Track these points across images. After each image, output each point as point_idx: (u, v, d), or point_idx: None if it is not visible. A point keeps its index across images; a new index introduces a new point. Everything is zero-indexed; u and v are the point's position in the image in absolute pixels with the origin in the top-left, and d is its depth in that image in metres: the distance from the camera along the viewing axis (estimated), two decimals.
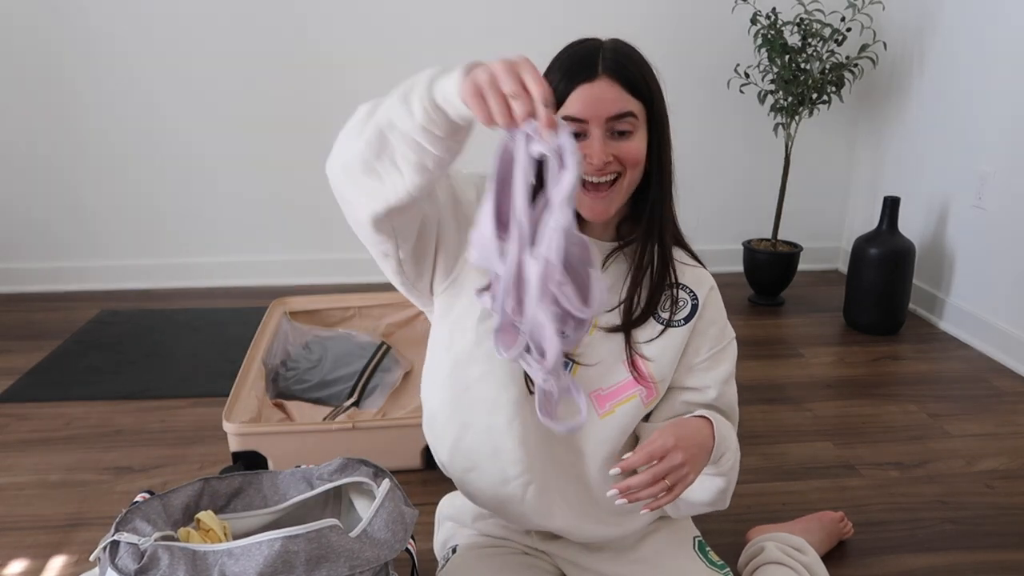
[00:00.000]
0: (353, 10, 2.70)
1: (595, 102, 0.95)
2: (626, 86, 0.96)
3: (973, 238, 2.41)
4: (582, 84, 0.95)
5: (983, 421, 1.93)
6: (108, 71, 2.68)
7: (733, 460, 1.03)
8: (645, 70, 0.99)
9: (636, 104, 0.97)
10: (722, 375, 1.08)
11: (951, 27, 2.48)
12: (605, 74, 0.95)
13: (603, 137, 0.95)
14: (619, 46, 0.99)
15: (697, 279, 1.09)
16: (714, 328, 1.07)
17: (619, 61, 0.96)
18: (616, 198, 0.99)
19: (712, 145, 2.96)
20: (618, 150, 0.96)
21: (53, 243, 2.84)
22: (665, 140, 1.01)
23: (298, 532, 0.89)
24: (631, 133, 0.97)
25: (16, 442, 1.82)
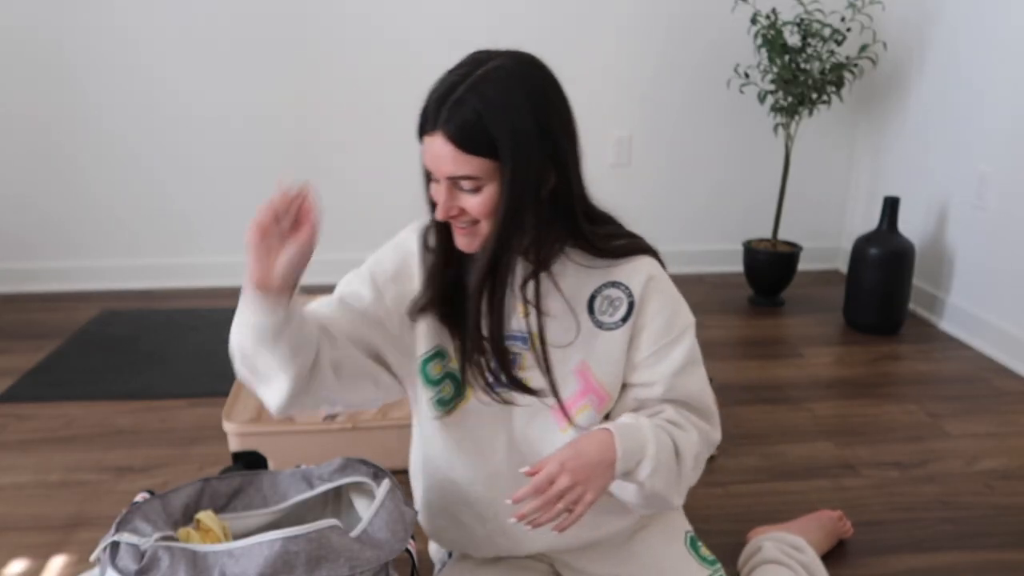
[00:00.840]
0: (353, 13, 2.70)
1: (434, 159, 0.93)
2: (463, 146, 0.90)
3: (973, 238, 2.41)
4: (426, 135, 0.93)
5: (983, 421, 1.93)
6: (109, 72, 2.68)
7: (653, 466, 0.96)
8: (498, 119, 0.89)
9: (476, 163, 0.90)
10: (671, 368, 1.03)
11: (951, 27, 2.48)
12: (441, 130, 0.90)
13: (450, 191, 0.93)
14: (482, 82, 0.90)
15: (632, 272, 1.02)
16: (659, 320, 1.02)
17: (463, 115, 0.89)
18: (476, 239, 0.96)
19: (712, 145, 2.97)
20: (465, 203, 0.93)
21: (53, 243, 2.84)
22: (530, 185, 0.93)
23: (298, 532, 0.89)
24: (478, 190, 0.92)
25: (16, 442, 1.82)
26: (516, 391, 1.02)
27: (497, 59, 0.93)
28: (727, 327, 2.55)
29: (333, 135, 2.82)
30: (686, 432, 1.02)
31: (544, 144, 0.93)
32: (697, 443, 1.02)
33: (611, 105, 2.87)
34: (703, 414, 1.06)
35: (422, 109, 0.93)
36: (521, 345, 1.02)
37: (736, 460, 1.74)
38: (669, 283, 1.05)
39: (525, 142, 0.91)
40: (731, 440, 1.82)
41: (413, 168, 3.02)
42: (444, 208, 0.94)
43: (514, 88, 0.91)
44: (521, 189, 0.92)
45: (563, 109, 0.97)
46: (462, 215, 0.95)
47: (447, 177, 0.92)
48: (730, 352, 2.35)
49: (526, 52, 0.98)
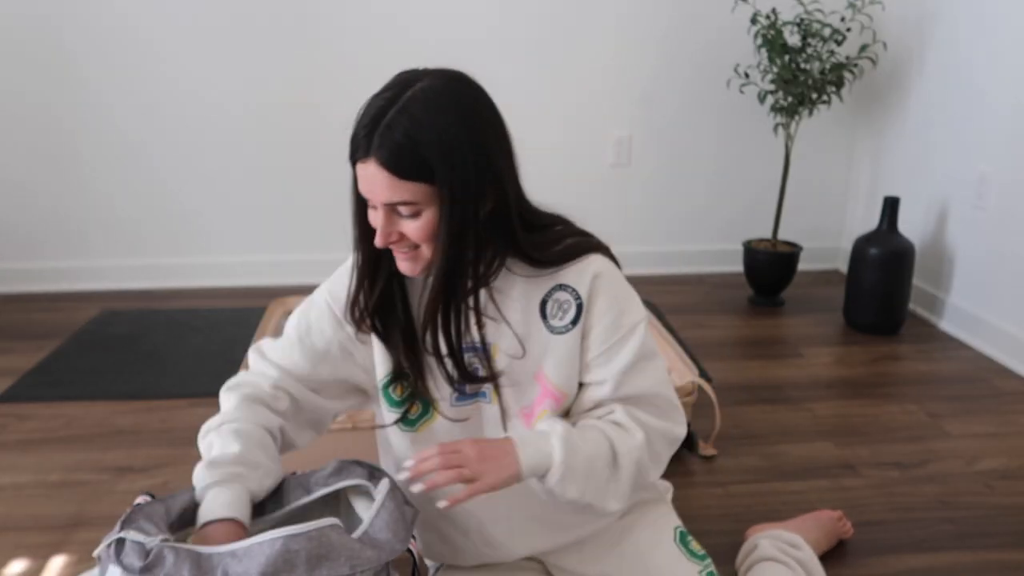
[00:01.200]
0: (353, 13, 2.70)
1: (369, 186, 0.91)
2: (397, 172, 0.88)
3: (973, 238, 2.41)
4: (356, 163, 0.92)
5: (983, 421, 1.93)
6: (112, 72, 2.68)
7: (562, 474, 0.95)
8: (431, 142, 0.88)
9: (413, 189, 0.89)
10: (620, 366, 1.01)
11: (951, 27, 2.48)
12: (374, 157, 0.88)
13: (388, 216, 0.92)
14: (411, 105, 0.89)
15: (579, 273, 1.00)
16: (606, 319, 1.00)
17: (395, 141, 0.88)
18: (419, 263, 0.96)
19: (712, 145, 2.97)
20: (404, 228, 0.93)
21: (54, 243, 2.84)
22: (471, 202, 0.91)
23: (299, 531, 0.89)
24: (416, 215, 0.91)
25: (16, 442, 1.82)
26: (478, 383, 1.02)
27: (425, 79, 0.91)
28: (727, 327, 2.55)
29: (332, 137, 2.82)
30: (629, 436, 1.00)
31: (480, 163, 0.91)
32: (640, 447, 1.00)
33: (611, 105, 2.87)
34: (660, 411, 1.04)
35: (352, 135, 0.91)
36: (472, 355, 1.02)
37: (736, 460, 1.74)
38: (618, 279, 1.03)
39: (460, 163, 0.89)
40: (731, 440, 1.82)
41: None
42: (383, 234, 0.93)
43: (445, 108, 0.89)
44: (461, 210, 0.91)
45: (496, 125, 0.95)
46: (402, 240, 0.94)
47: (384, 204, 0.91)
48: (730, 352, 2.35)
49: (454, 69, 0.95)
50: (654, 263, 3.03)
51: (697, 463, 1.73)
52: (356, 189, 0.95)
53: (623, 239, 3.02)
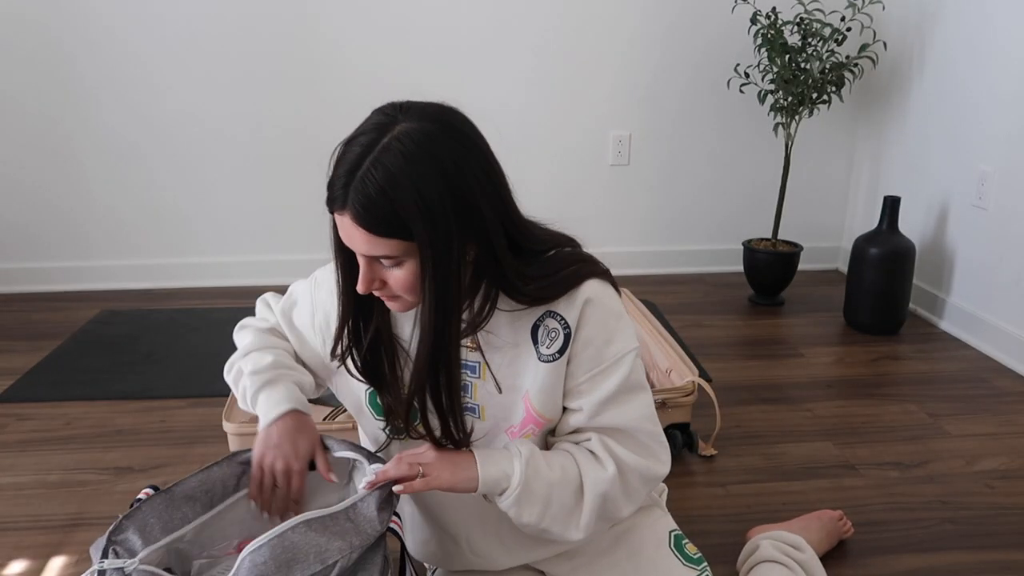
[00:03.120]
0: (353, 13, 2.70)
1: (347, 238, 0.88)
2: (373, 230, 0.85)
3: (973, 238, 2.41)
4: (334, 212, 0.88)
5: (983, 421, 1.93)
6: (109, 73, 2.68)
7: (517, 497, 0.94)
8: (406, 198, 0.83)
9: (390, 244, 0.86)
10: (600, 397, 0.98)
11: (951, 27, 2.48)
12: (349, 210, 0.85)
13: (369, 266, 0.89)
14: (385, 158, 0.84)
15: (570, 301, 0.96)
16: (591, 349, 0.97)
17: (367, 197, 0.83)
18: (405, 304, 0.94)
19: (712, 145, 2.97)
20: (388, 277, 0.90)
21: (53, 243, 2.84)
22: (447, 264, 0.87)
23: (260, 543, 0.89)
24: (398, 265, 0.89)
25: (16, 442, 1.82)
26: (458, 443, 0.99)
27: (404, 120, 0.86)
28: (727, 327, 2.55)
29: (332, 137, 2.82)
30: (600, 468, 0.97)
31: (461, 214, 0.86)
32: (610, 480, 0.97)
33: (611, 105, 2.88)
34: (640, 445, 1.00)
35: (328, 182, 0.88)
36: (470, 375, 1.01)
37: (736, 460, 1.74)
38: (609, 307, 0.98)
39: (440, 217, 0.85)
40: (731, 440, 1.82)
41: None
42: (365, 283, 0.90)
43: (422, 158, 0.84)
44: (443, 265, 0.87)
45: (480, 166, 0.88)
46: (384, 287, 0.92)
47: (364, 254, 0.88)
48: (730, 352, 2.35)
49: (438, 106, 0.90)
50: (654, 263, 3.03)
51: (697, 463, 1.73)
52: (336, 235, 0.93)
53: (623, 239, 3.03)
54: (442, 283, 0.88)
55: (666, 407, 1.69)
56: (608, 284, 1.00)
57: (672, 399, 1.69)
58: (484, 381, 1.01)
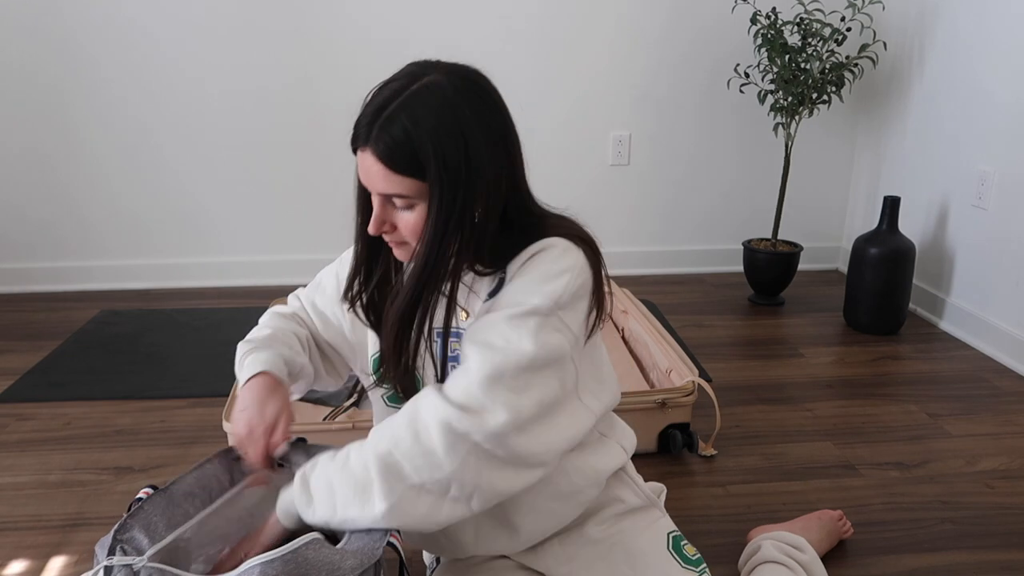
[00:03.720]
0: (357, 18, 2.70)
1: (365, 175, 0.93)
2: (391, 166, 0.89)
3: (973, 238, 2.41)
4: (356, 150, 0.93)
5: (983, 421, 1.93)
6: (108, 71, 2.68)
7: (302, 503, 0.94)
8: (427, 141, 0.88)
9: (406, 184, 0.90)
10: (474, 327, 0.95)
11: (951, 27, 2.48)
12: (371, 148, 0.90)
13: (382, 206, 0.94)
14: (413, 101, 0.89)
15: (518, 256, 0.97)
16: (513, 288, 0.94)
17: (391, 135, 0.88)
18: (411, 252, 0.95)
19: (712, 145, 2.97)
20: (397, 220, 0.94)
21: (53, 243, 2.84)
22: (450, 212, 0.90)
23: (274, 556, 0.89)
24: (410, 207, 0.93)
25: (16, 442, 1.82)
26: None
27: (434, 74, 0.91)
28: (727, 327, 2.55)
29: (332, 137, 2.83)
30: (386, 425, 0.93)
31: (474, 168, 0.90)
32: (391, 437, 0.91)
33: (611, 105, 2.88)
34: (466, 391, 0.89)
35: (356, 122, 0.92)
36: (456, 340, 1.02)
37: (736, 460, 1.74)
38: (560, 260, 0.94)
39: (453, 166, 0.89)
40: (731, 440, 1.82)
41: None
42: (376, 223, 0.94)
43: (447, 109, 0.88)
44: (447, 211, 0.90)
45: (500, 129, 0.93)
46: (394, 231, 0.96)
47: (379, 193, 0.93)
48: (730, 352, 2.35)
49: (466, 67, 0.94)
50: (654, 263, 3.03)
51: (697, 463, 1.73)
52: (358, 177, 0.97)
53: (622, 239, 3.03)
54: (442, 227, 0.91)
55: (666, 407, 1.69)
56: (576, 248, 0.96)
57: (672, 399, 1.69)
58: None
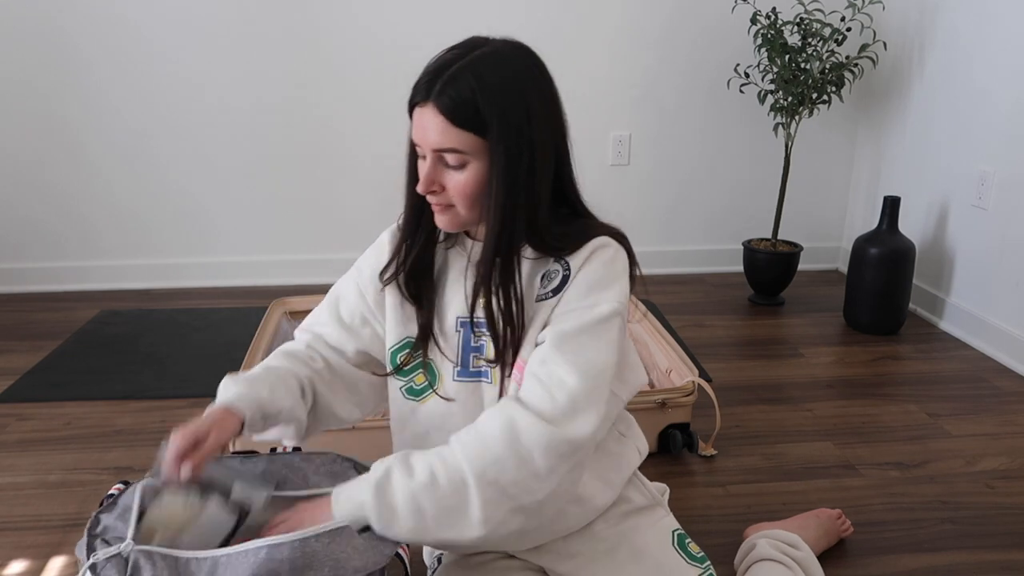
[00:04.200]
0: (357, 19, 2.70)
1: (422, 131, 0.94)
2: (452, 119, 0.91)
3: (973, 238, 2.41)
4: (417, 106, 0.95)
5: (983, 421, 1.93)
6: (107, 71, 2.68)
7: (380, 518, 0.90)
8: (490, 99, 0.91)
9: (464, 138, 0.92)
10: (566, 328, 0.95)
11: (951, 27, 2.48)
12: (434, 102, 0.92)
13: (434, 165, 0.95)
14: (478, 63, 0.92)
15: (579, 251, 0.99)
16: (581, 287, 0.97)
17: (456, 89, 0.91)
18: (454, 219, 0.99)
19: (712, 145, 2.97)
20: (447, 180, 0.96)
21: (53, 243, 2.84)
22: (516, 170, 0.93)
23: (282, 540, 0.89)
24: (462, 167, 0.94)
25: (16, 442, 1.82)
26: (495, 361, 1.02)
27: (493, 44, 0.95)
28: (727, 327, 2.55)
29: (332, 136, 2.83)
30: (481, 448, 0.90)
31: (532, 133, 0.94)
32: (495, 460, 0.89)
33: (611, 105, 2.88)
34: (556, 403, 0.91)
35: (416, 83, 0.95)
36: (487, 334, 1.02)
37: (736, 460, 1.74)
38: (614, 263, 0.99)
39: (515, 126, 0.92)
40: (731, 440, 1.82)
41: None
42: (426, 181, 0.95)
43: (509, 74, 0.93)
44: (510, 171, 0.93)
45: (554, 102, 0.99)
46: (443, 192, 0.96)
47: (433, 150, 0.94)
48: (730, 352, 2.35)
49: (521, 41, 0.99)
50: (654, 263, 3.03)
51: (697, 463, 1.73)
52: (410, 140, 0.99)
53: None
54: (505, 186, 0.93)
55: (666, 407, 1.69)
56: (622, 248, 1.02)
57: (672, 399, 1.69)
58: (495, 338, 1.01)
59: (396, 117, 2.78)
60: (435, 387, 1.07)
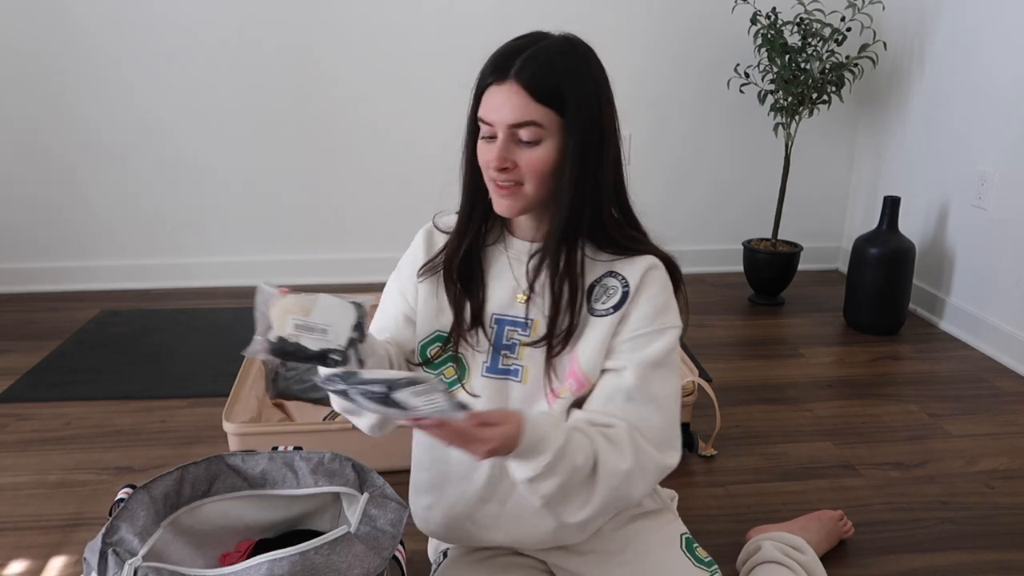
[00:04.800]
0: (350, 19, 2.70)
1: (499, 107, 0.95)
2: (534, 94, 0.94)
3: (973, 238, 2.41)
4: (492, 85, 0.96)
5: (983, 421, 1.93)
6: (108, 71, 2.68)
7: (537, 473, 0.90)
8: (568, 78, 0.95)
9: (544, 113, 0.94)
10: (646, 358, 0.99)
11: (951, 27, 2.48)
12: (515, 78, 0.94)
13: (507, 142, 0.96)
14: (550, 47, 0.96)
15: (633, 265, 1.03)
16: (648, 308, 1.01)
17: (536, 66, 0.94)
18: (520, 200, 0.99)
19: (712, 145, 2.97)
20: (520, 157, 0.96)
21: (53, 243, 2.84)
22: (588, 152, 0.97)
23: (282, 555, 0.89)
24: (536, 143, 0.96)
25: (16, 442, 1.82)
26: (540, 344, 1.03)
27: (559, 35, 1.00)
28: (727, 327, 2.55)
29: (332, 136, 2.83)
30: (619, 456, 0.95)
31: (602, 120, 0.98)
32: (625, 473, 0.94)
33: None
34: (662, 433, 0.99)
35: (489, 64, 0.97)
36: (520, 332, 1.04)
37: (736, 460, 1.74)
38: (668, 283, 1.05)
39: (589, 109, 0.96)
40: (731, 440, 1.82)
41: (415, 168, 2.98)
42: (499, 157, 0.95)
43: (582, 61, 0.98)
44: (583, 151, 0.96)
45: (611, 93, 1.02)
46: (513, 169, 0.97)
47: (510, 125, 0.94)
48: (730, 352, 2.35)
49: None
50: None
51: (697, 463, 1.73)
52: (473, 121, 1.00)
53: None
54: (581, 166, 0.96)
55: None
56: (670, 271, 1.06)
57: None
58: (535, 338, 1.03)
59: (397, 117, 2.80)
60: (463, 382, 1.08)
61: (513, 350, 1.05)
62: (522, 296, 1.04)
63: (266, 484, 1.11)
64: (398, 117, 2.80)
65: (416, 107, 2.78)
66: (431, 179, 2.84)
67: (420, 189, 2.83)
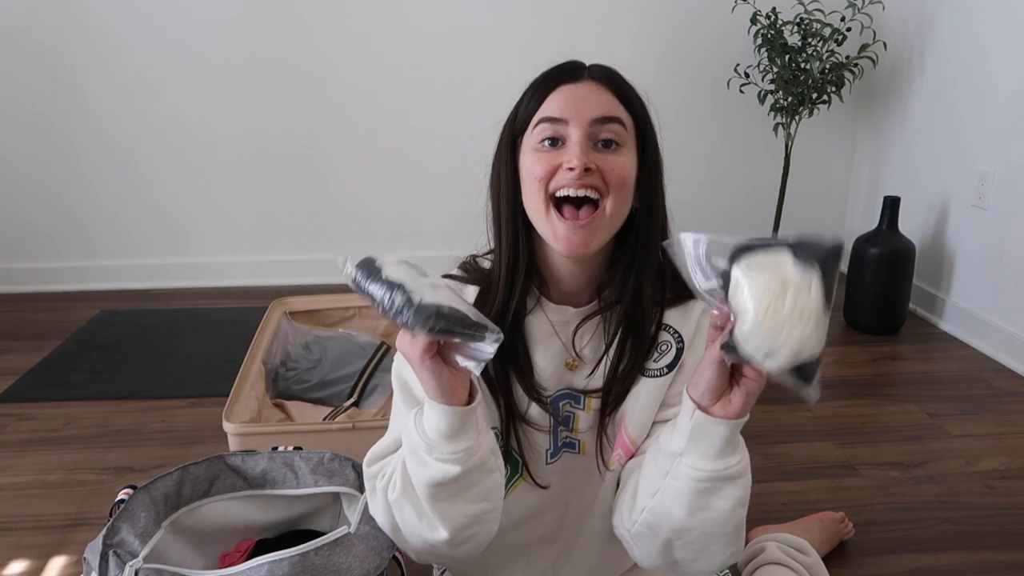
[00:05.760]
0: (354, 15, 2.69)
1: (578, 101, 0.83)
2: (615, 92, 0.86)
3: (973, 238, 2.41)
4: (564, 84, 0.85)
5: (983, 421, 1.93)
6: (109, 71, 2.68)
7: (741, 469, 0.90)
8: (634, 91, 0.90)
9: (625, 114, 0.86)
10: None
11: (951, 27, 2.48)
12: (592, 78, 0.86)
13: (584, 143, 0.82)
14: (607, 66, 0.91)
15: (684, 314, 0.92)
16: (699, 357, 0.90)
17: (609, 70, 0.89)
18: (597, 230, 0.83)
19: (712, 145, 2.97)
20: (602, 162, 0.82)
21: (53, 243, 2.84)
22: (656, 175, 0.88)
23: (282, 556, 0.90)
24: (618, 146, 0.84)
25: (16, 442, 1.82)
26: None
27: None
28: None
29: (332, 136, 2.82)
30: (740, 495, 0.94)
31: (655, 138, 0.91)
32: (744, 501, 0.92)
33: None
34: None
35: (558, 67, 0.87)
36: (573, 404, 0.92)
37: None
38: None
39: (650, 122, 0.90)
40: None
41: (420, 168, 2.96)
42: (582, 160, 0.80)
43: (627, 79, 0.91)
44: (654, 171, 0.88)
45: None
46: (594, 174, 0.82)
47: (593, 119, 0.82)
48: None
49: None
50: None
51: None
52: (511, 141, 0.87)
53: None
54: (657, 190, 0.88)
55: None
56: None
57: None
58: (588, 412, 0.92)
59: (397, 116, 2.79)
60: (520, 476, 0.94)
61: (568, 424, 0.93)
62: (573, 362, 0.91)
63: (266, 484, 1.11)
64: (400, 116, 2.80)
65: (421, 108, 2.78)
66: (436, 179, 2.85)
67: (424, 189, 2.83)
